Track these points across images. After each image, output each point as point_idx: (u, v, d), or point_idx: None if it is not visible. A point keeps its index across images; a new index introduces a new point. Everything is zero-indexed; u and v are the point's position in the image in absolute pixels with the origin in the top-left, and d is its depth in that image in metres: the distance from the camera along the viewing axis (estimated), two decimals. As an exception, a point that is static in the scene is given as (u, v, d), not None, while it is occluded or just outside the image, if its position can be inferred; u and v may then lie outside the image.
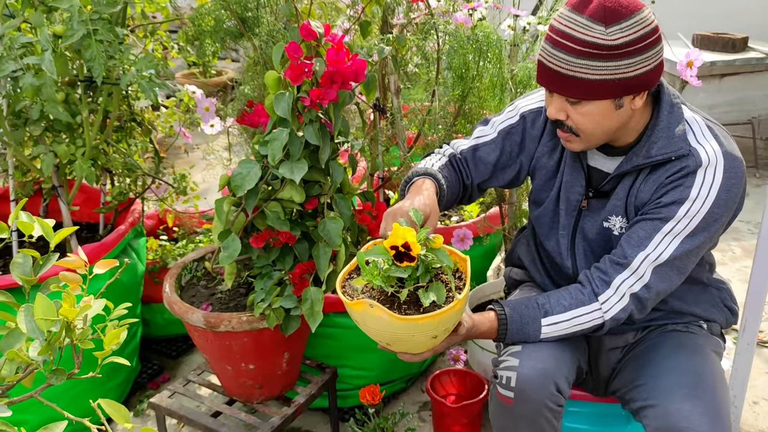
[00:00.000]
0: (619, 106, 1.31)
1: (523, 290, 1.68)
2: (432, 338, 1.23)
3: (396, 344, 1.26)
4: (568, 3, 1.31)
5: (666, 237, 1.35)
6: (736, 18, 4.63)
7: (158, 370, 2.52)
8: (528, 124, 1.55)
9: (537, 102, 1.56)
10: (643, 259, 1.36)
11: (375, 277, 1.19)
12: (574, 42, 1.26)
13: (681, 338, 1.49)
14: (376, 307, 1.15)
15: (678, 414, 1.30)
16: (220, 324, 1.74)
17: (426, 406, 2.34)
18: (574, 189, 1.51)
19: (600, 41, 1.24)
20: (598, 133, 1.36)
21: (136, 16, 2.39)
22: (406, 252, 1.15)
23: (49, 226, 1.05)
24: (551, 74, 1.30)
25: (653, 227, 1.35)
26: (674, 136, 1.35)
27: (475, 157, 1.58)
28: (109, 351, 0.85)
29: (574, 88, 1.29)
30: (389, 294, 1.21)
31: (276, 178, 1.68)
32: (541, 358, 1.38)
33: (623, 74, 1.26)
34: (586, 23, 1.25)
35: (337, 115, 1.65)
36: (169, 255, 2.57)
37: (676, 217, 1.33)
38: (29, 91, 1.75)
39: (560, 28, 1.28)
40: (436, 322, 1.17)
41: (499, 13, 2.50)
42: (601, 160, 1.47)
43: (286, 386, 1.99)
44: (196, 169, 2.99)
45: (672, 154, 1.35)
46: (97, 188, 2.37)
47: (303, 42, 1.58)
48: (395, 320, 1.15)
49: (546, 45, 1.31)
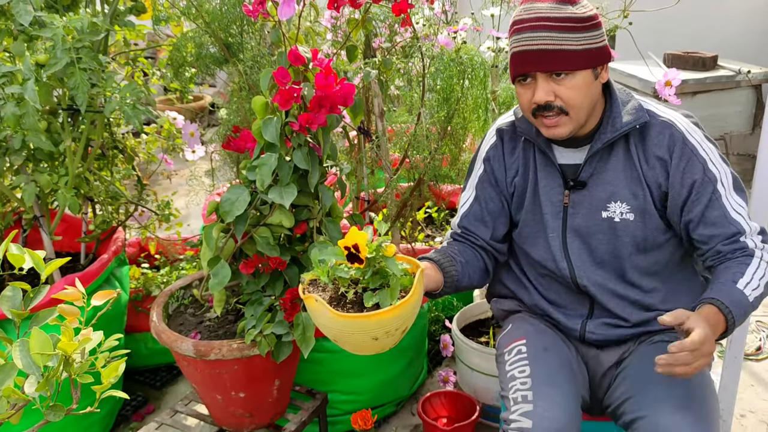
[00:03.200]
0: (596, 76, 1.42)
1: (515, 321, 1.66)
2: (372, 339, 1.26)
3: (341, 342, 1.31)
4: (524, 0, 1.42)
5: (729, 197, 1.45)
6: (704, 37, 4.75)
7: (142, 402, 2.47)
8: (493, 163, 1.62)
9: (489, 141, 1.64)
10: (737, 219, 1.44)
11: (322, 273, 1.27)
12: (554, 21, 1.36)
13: None
14: (319, 303, 1.22)
15: (667, 425, 1.30)
16: (210, 352, 1.71)
17: (417, 429, 2.32)
18: (554, 189, 1.54)
19: (575, 15, 1.36)
20: (585, 106, 1.42)
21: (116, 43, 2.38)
22: (356, 254, 1.22)
23: (39, 257, 1.03)
24: (537, 54, 1.37)
25: (715, 201, 1.44)
26: (632, 108, 1.47)
27: (469, 220, 1.64)
28: (108, 384, 0.83)
29: (564, 61, 1.36)
30: (341, 293, 1.28)
31: (264, 203, 1.66)
32: (555, 418, 1.36)
33: (596, 44, 1.39)
34: (555, 6, 1.37)
35: (325, 139, 1.65)
36: (152, 283, 2.53)
37: (717, 178, 1.44)
38: (11, 120, 1.73)
39: (531, 15, 1.38)
40: (373, 322, 1.22)
41: (479, 35, 2.54)
42: (569, 155, 1.53)
43: (276, 414, 1.96)
44: (177, 195, 2.96)
45: (636, 123, 1.45)
46: (78, 217, 2.33)
47: (291, 67, 1.59)
48: (334, 317, 1.21)
49: (522, 34, 1.38)
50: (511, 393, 1.44)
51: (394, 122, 2.38)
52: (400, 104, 2.58)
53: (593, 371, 1.59)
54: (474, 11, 2.49)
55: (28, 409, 0.90)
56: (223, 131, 2.21)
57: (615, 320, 1.56)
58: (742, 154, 5.10)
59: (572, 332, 1.60)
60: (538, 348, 1.52)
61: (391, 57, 1.91)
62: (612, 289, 1.53)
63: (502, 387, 1.52)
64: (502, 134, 1.62)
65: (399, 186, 2.34)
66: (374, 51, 2.19)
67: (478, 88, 2.02)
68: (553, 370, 1.47)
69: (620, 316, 1.55)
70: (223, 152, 2.57)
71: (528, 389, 1.41)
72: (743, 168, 4.87)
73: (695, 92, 4.11)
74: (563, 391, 1.42)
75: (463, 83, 1.97)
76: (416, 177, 2.32)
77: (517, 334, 1.59)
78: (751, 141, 4.73)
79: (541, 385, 1.42)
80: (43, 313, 1.00)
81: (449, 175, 2.27)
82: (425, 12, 2.23)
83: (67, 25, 1.76)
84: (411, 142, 2.10)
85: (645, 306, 1.54)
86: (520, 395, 1.41)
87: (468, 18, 2.36)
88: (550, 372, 1.46)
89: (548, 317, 1.63)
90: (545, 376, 1.44)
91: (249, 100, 2.13)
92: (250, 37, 2.01)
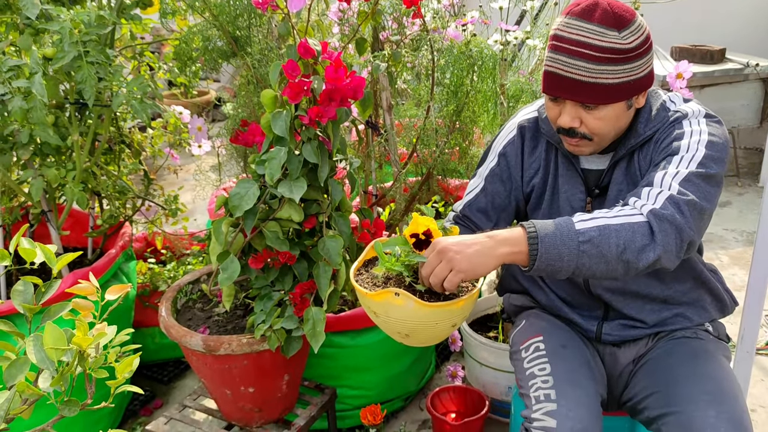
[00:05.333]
0: (629, 106, 1.36)
1: (529, 318, 1.65)
2: (452, 326, 1.26)
3: (416, 334, 1.26)
4: (570, 12, 1.32)
5: (681, 162, 1.31)
6: (712, 31, 4.72)
7: (150, 397, 2.46)
8: (509, 160, 1.58)
9: (508, 135, 1.60)
10: (662, 177, 1.30)
11: (395, 264, 1.22)
12: (593, 49, 1.28)
13: (692, 344, 1.49)
14: (402, 296, 1.16)
15: (703, 421, 1.28)
16: (219, 347, 1.71)
17: (426, 424, 2.31)
18: (576, 196, 1.51)
19: (618, 46, 1.28)
20: (611, 135, 1.39)
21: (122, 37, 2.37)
22: (427, 239, 1.18)
23: (51, 252, 1.02)
24: (569, 83, 1.32)
25: (664, 163, 1.33)
26: (658, 110, 1.42)
27: (472, 209, 1.62)
28: (122, 379, 0.83)
29: (596, 95, 1.31)
30: (407, 284, 1.24)
31: (274, 197, 1.65)
32: (579, 417, 1.34)
33: (636, 75, 1.32)
34: (600, 30, 1.28)
35: (335, 133, 1.64)
36: (159, 278, 2.52)
37: (681, 149, 1.33)
38: (18, 114, 1.72)
39: (573, 37, 1.30)
40: (459, 308, 1.21)
41: (486, 28, 2.52)
42: (595, 161, 1.50)
43: (285, 409, 1.95)
44: (184, 190, 2.95)
45: (659, 126, 1.40)
46: (86, 212, 2.32)
47: (300, 60, 1.57)
48: (423, 308, 1.17)
49: (559, 55, 1.32)
50: (532, 391, 1.42)
51: (401, 116, 2.37)
52: (408, 98, 2.57)
53: (610, 368, 1.58)
54: (482, 4, 2.47)
55: (38, 404, 0.89)
56: (230, 125, 2.20)
57: (632, 322, 1.54)
58: (750, 147, 5.08)
59: (588, 333, 1.58)
60: (556, 345, 1.51)
61: (399, 50, 1.89)
62: (626, 294, 1.52)
63: (520, 385, 1.51)
64: (523, 131, 1.57)
65: (407, 180, 2.33)
66: (382, 44, 2.18)
67: (487, 81, 2.00)
68: (574, 368, 1.45)
69: (637, 318, 1.53)
70: (230, 147, 2.56)
71: (550, 388, 1.40)
72: (751, 162, 4.85)
73: (703, 85, 4.08)
74: (586, 391, 1.40)
75: (472, 76, 1.96)
76: (424, 171, 2.30)
77: (532, 330, 1.58)
78: (759, 134, 4.71)
79: (563, 383, 1.40)
80: (55, 307, 0.99)
81: (458, 170, 2.26)
82: (434, 4, 2.21)
83: (74, 19, 1.75)
84: (420, 136, 2.09)
85: (662, 299, 1.52)
86: (542, 394, 1.39)
87: (476, 11, 2.34)
88: (571, 370, 1.44)
89: (560, 317, 1.62)
90: (566, 374, 1.43)
91: (257, 94, 2.12)
92: (257, 30, 2.00)
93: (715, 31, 4.71)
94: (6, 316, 1.80)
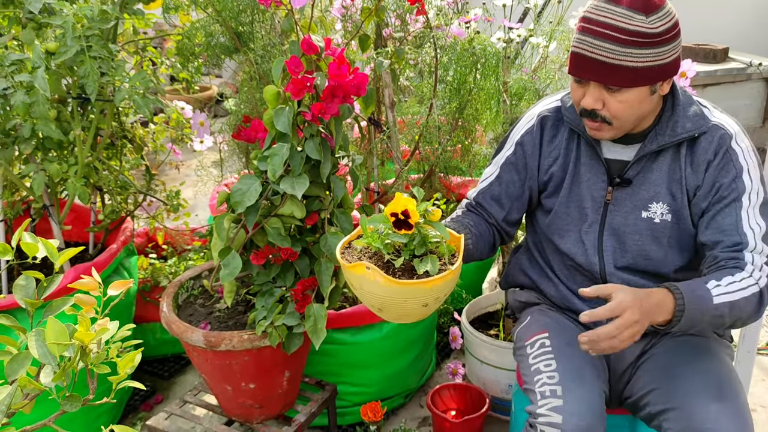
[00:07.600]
0: (653, 92, 1.38)
1: (534, 314, 1.65)
2: (423, 305, 1.27)
3: (387, 310, 1.29)
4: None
5: (750, 211, 1.40)
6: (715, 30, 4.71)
7: (150, 392, 2.46)
8: (526, 149, 1.59)
9: (526, 125, 1.61)
10: (747, 233, 1.38)
11: (375, 240, 1.26)
12: (619, 32, 1.30)
13: (694, 342, 1.49)
14: (372, 270, 1.20)
15: (704, 415, 1.29)
16: (220, 343, 1.71)
17: (426, 421, 2.31)
18: (597, 185, 1.52)
19: (644, 30, 1.30)
20: (632, 119, 1.40)
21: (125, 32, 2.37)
22: (405, 220, 1.21)
23: (53, 246, 1.02)
24: (594, 64, 1.34)
25: (734, 209, 1.40)
26: (693, 114, 1.44)
27: (486, 197, 1.63)
28: (124, 375, 0.83)
29: (620, 77, 1.33)
30: (386, 261, 1.27)
31: (276, 193, 1.65)
32: (584, 414, 1.35)
33: (662, 60, 1.34)
34: (628, 13, 1.31)
35: (338, 130, 1.63)
36: (160, 273, 2.52)
37: (746, 189, 1.40)
38: (20, 108, 1.72)
39: (600, 19, 1.32)
40: (428, 288, 1.22)
41: (490, 25, 2.51)
42: (619, 150, 1.51)
43: (286, 405, 1.95)
44: (185, 186, 2.95)
45: (695, 131, 1.42)
46: (87, 207, 2.32)
47: (303, 56, 1.57)
48: (390, 284, 1.20)
49: (586, 36, 1.34)
50: (537, 387, 1.43)
51: (404, 113, 2.36)
52: (410, 95, 2.56)
53: (614, 365, 1.58)
54: (485, 1, 2.47)
55: (39, 399, 0.89)
56: (232, 121, 2.19)
57: None
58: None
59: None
60: (561, 342, 1.51)
61: (402, 47, 1.89)
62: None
63: (525, 380, 1.51)
64: (543, 121, 1.59)
65: (409, 177, 2.33)
66: (385, 41, 2.18)
67: (490, 79, 2.00)
68: (580, 365, 1.46)
69: None
70: (232, 143, 2.56)
71: (556, 384, 1.40)
72: (752, 161, 4.84)
73: (706, 84, 4.07)
74: (591, 388, 1.41)
75: (475, 74, 1.95)
76: (426, 168, 2.30)
77: (537, 327, 1.58)
78: (762, 134, 4.70)
79: (569, 380, 1.41)
80: (57, 302, 0.99)
81: (460, 167, 2.26)
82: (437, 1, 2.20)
83: (77, 13, 1.74)
84: (422, 134, 2.09)
85: None
86: (548, 389, 1.40)
87: (479, 9, 2.34)
88: (577, 367, 1.45)
89: (571, 310, 1.62)
90: (572, 371, 1.43)
91: (259, 90, 2.11)
92: (260, 26, 1.99)
93: (719, 30, 4.70)
94: (8, 311, 1.80)
